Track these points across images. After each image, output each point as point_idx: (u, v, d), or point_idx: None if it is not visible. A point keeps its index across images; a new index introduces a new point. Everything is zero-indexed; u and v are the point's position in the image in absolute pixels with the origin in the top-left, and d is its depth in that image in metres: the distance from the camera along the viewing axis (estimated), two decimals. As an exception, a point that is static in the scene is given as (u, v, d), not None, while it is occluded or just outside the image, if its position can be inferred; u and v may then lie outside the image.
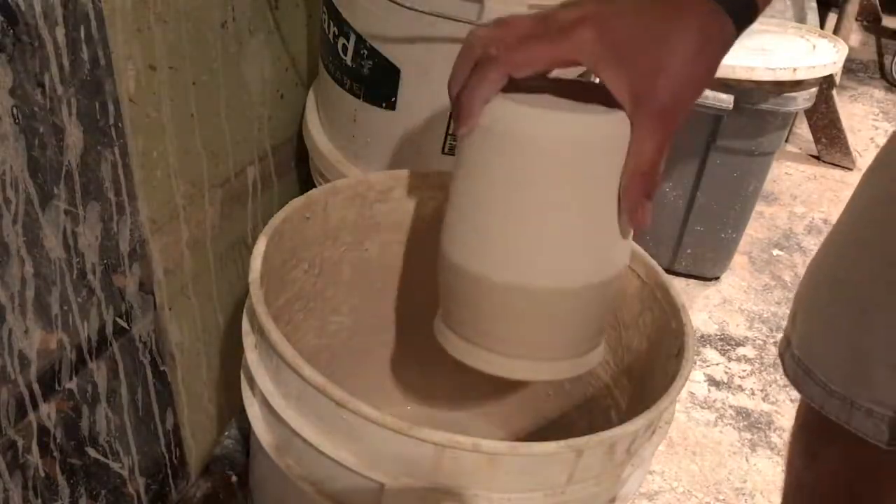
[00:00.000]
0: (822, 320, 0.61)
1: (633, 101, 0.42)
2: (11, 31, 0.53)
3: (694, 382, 1.35)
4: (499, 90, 0.44)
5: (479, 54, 0.43)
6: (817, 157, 2.14)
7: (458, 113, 0.45)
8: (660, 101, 0.41)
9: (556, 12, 0.42)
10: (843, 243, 0.61)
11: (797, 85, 1.32)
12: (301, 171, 1.02)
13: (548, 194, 0.45)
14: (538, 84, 0.47)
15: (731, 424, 1.28)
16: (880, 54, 2.85)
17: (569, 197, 0.45)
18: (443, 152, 0.80)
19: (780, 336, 1.48)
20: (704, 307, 1.54)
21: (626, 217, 0.46)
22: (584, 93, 0.46)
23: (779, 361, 0.65)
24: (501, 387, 0.86)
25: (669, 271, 1.56)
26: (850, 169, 2.11)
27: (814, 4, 1.64)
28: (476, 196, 0.48)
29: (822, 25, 1.77)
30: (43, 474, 0.70)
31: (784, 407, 1.32)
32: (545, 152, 0.44)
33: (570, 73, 0.50)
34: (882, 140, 2.30)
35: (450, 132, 0.79)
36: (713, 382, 1.36)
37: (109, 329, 0.73)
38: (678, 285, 1.47)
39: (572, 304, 0.49)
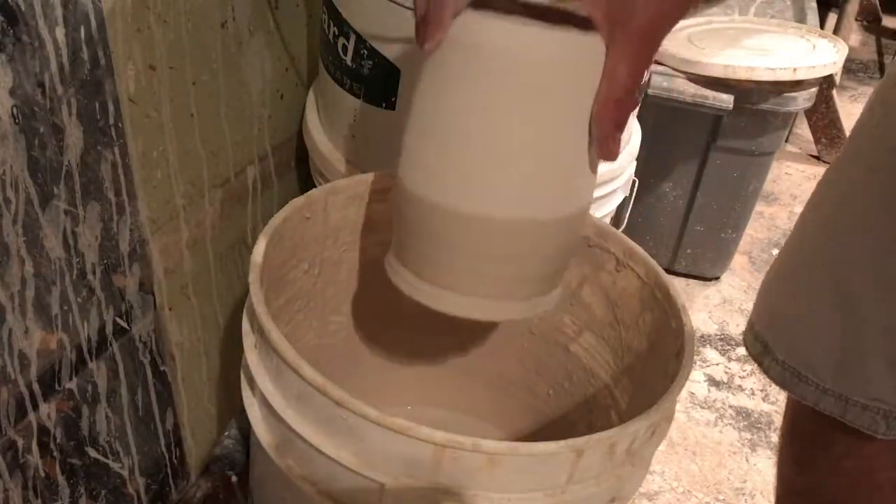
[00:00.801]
0: (806, 321, 0.58)
1: (609, 23, 0.40)
2: (11, 31, 0.53)
3: (694, 382, 1.35)
4: (464, 6, 0.42)
5: None
6: (817, 157, 2.14)
7: (427, 26, 0.43)
8: (637, 23, 0.39)
9: None
10: (822, 232, 0.58)
11: (797, 85, 1.32)
12: (301, 171, 1.02)
13: (514, 115, 0.43)
14: (510, 6, 0.44)
15: (731, 424, 1.28)
16: (880, 54, 2.85)
17: (537, 119, 0.43)
18: (443, 152, 0.80)
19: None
20: (704, 307, 1.54)
21: (596, 146, 0.44)
22: (558, 16, 0.43)
23: (753, 363, 0.63)
24: (502, 387, 0.86)
25: (669, 271, 1.56)
26: (850, 169, 2.11)
27: (814, 4, 1.64)
28: (437, 117, 0.46)
29: (822, 25, 1.77)
30: (43, 474, 0.70)
31: (784, 407, 1.32)
32: (515, 68, 0.42)
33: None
34: (882, 140, 2.29)
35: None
36: (713, 382, 1.36)
37: (109, 329, 0.73)
38: (678, 285, 1.46)
39: (534, 237, 0.47)
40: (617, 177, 1.08)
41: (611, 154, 0.44)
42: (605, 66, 0.41)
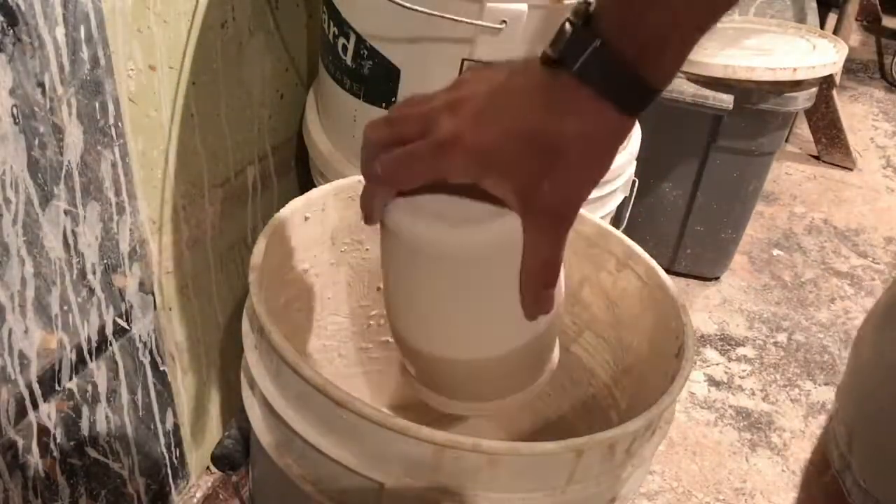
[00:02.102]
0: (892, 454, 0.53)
1: (521, 205, 0.41)
2: (11, 31, 0.53)
3: (694, 382, 1.35)
4: (392, 197, 0.44)
5: (371, 165, 0.43)
6: (817, 157, 2.14)
7: (363, 210, 0.46)
8: (547, 205, 0.40)
9: (438, 114, 0.40)
10: None
11: (797, 85, 1.32)
12: (301, 171, 1.02)
13: (446, 293, 0.47)
14: (427, 193, 0.46)
15: (731, 424, 1.28)
16: (880, 54, 2.85)
17: (466, 295, 0.47)
18: (443, 152, 0.80)
19: (780, 336, 1.49)
20: (704, 307, 1.54)
21: (528, 308, 0.45)
22: (475, 195, 0.45)
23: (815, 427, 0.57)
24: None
25: (669, 271, 1.56)
26: (851, 169, 2.11)
27: (814, 4, 1.64)
28: (391, 281, 0.50)
29: (822, 25, 1.77)
30: (43, 474, 0.70)
31: (784, 407, 1.32)
32: (435, 260, 0.46)
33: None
34: (882, 140, 2.30)
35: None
36: (713, 382, 1.36)
37: (109, 329, 0.73)
38: (678, 285, 1.47)
39: (496, 366, 0.51)
40: (617, 177, 1.08)
41: (544, 311, 0.45)
42: (525, 242, 0.42)
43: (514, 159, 0.39)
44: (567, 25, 0.37)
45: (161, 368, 0.84)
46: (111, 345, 0.74)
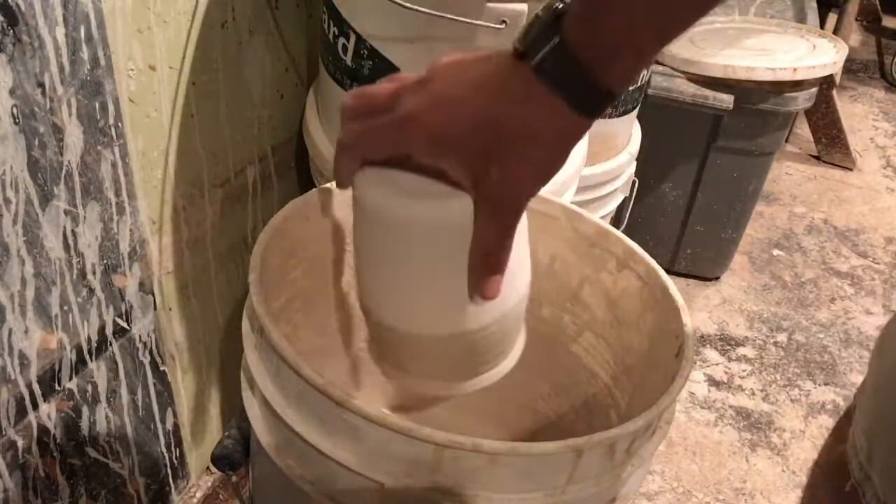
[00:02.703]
0: None
1: (472, 190, 0.42)
2: (11, 31, 0.53)
3: (694, 382, 1.35)
4: (359, 166, 0.46)
5: (341, 132, 0.45)
6: (817, 157, 2.14)
7: (335, 175, 0.48)
8: (494, 193, 0.41)
9: (405, 92, 0.42)
10: None
11: (797, 85, 1.32)
12: (301, 171, 1.02)
13: (400, 264, 0.49)
14: (392, 168, 0.48)
15: (731, 424, 1.28)
16: (880, 54, 2.85)
17: (419, 269, 0.48)
18: (443, 152, 0.80)
19: (780, 336, 1.49)
20: (704, 307, 1.54)
21: (471, 290, 0.46)
22: (432, 174, 0.47)
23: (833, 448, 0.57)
24: (501, 387, 0.86)
25: (669, 271, 1.56)
26: (850, 169, 2.11)
27: (814, 4, 1.64)
28: (357, 248, 0.52)
29: (822, 25, 1.77)
30: (43, 474, 0.70)
31: (784, 407, 1.33)
32: (391, 230, 0.47)
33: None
34: (882, 140, 2.30)
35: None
36: (713, 382, 1.36)
37: (109, 329, 0.73)
38: (678, 285, 1.47)
39: (449, 345, 0.52)
40: (617, 177, 1.08)
41: (488, 296, 0.45)
42: (474, 223, 0.43)
43: (465, 144, 0.40)
44: (535, 19, 0.38)
45: (161, 368, 0.84)
46: (111, 345, 0.74)
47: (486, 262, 0.44)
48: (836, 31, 2.00)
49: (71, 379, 0.70)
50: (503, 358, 0.58)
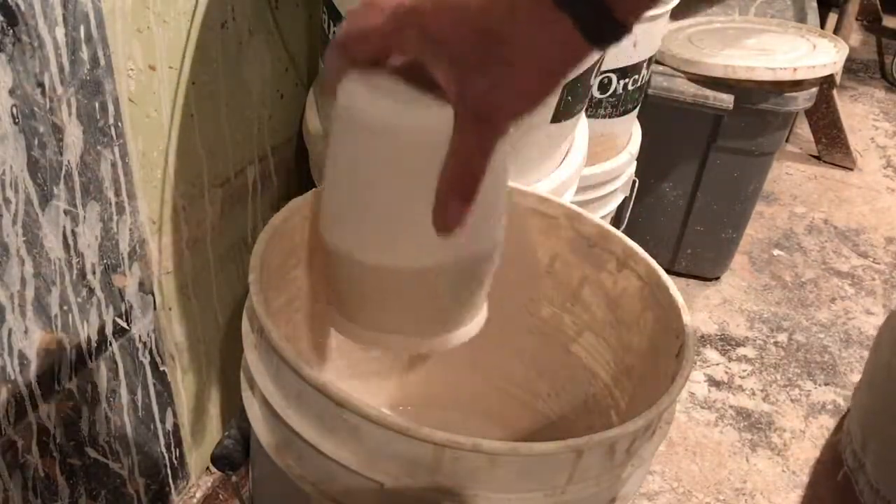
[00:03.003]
0: None
1: (456, 99, 0.40)
2: (11, 31, 0.53)
3: (694, 382, 1.35)
4: (350, 65, 0.45)
5: (339, 33, 0.44)
6: (817, 157, 2.14)
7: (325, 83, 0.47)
8: (477, 103, 0.39)
9: None
10: None
11: (797, 85, 1.32)
12: (301, 171, 1.02)
13: (370, 171, 0.47)
14: (405, 66, 0.47)
15: (731, 424, 1.28)
16: (880, 54, 2.85)
17: (399, 182, 0.46)
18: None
19: (780, 336, 1.49)
20: (704, 307, 1.54)
21: (434, 214, 0.43)
22: (419, 81, 0.46)
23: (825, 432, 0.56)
24: (502, 387, 0.86)
25: (669, 271, 1.55)
26: (851, 169, 2.11)
27: (814, 4, 1.64)
28: (330, 171, 0.50)
29: (822, 25, 1.77)
30: (43, 474, 0.70)
31: (784, 407, 1.32)
32: (368, 132, 0.46)
33: None
34: (882, 140, 2.30)
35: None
36: (713, 382, 1.36)
37: (109, 329, 0.73)
38: (678, 285, 1.47)
39: (406, 283, 0.50)
40: (617, 177, 1.09)
41: (448, 224, 0.43)
42: (452, 138, 0.42)
43: (459, 47, 0.39)
44: None
45: (161, 368, 0.84)
46: (111, 345, 0.74)
47: (455, 183, 0.43)
48: (836, 31, 2.00)
49: (71, 379, 0.70)
50: (464, 321, 0.56)
